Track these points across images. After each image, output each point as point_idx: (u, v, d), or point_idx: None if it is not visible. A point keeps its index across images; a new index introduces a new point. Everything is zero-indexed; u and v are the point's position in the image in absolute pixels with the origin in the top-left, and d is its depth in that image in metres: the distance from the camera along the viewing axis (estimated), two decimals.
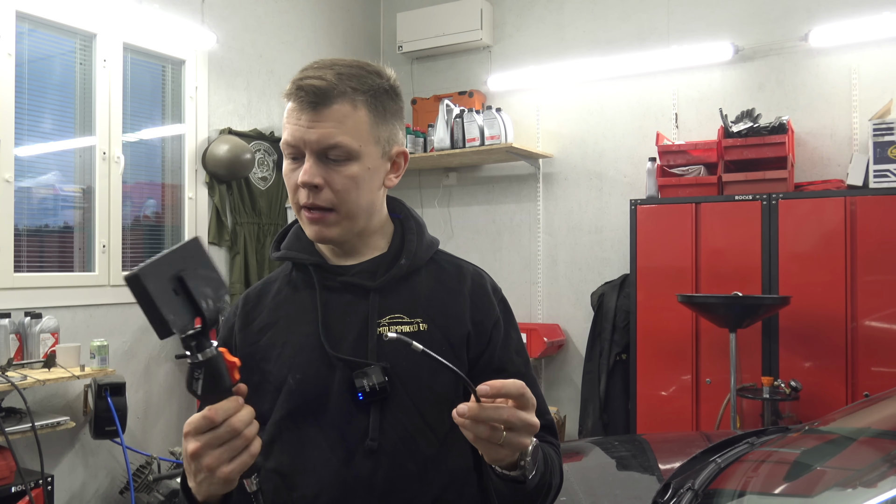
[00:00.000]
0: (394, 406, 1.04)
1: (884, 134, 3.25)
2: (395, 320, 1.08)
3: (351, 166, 1.04)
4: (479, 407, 0.85)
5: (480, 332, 1.12)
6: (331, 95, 1.02)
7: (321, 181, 1.03)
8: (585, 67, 4.29)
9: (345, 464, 1.04)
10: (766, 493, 1.69)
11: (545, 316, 4.48)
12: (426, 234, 1.19)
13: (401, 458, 1.04)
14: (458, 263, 1.19)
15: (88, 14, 3.28)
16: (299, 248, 1.15)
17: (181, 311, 0.83)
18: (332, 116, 1.02)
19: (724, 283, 3.45)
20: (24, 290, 3.03)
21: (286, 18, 4.37)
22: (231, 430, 0.85)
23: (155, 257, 0.82)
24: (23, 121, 3.07)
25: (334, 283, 1.11)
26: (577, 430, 4.10)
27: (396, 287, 1.11)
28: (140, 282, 0.79)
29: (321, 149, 1.03)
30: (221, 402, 0.85)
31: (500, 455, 0.88)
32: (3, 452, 2.62)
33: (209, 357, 0.85)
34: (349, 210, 1.06)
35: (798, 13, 3.79)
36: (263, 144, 4.15)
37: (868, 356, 3.21)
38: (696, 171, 3.71)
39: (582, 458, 2.27)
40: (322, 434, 1.05)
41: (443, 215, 4.82)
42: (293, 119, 1.04)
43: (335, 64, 1.06)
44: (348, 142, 1.03)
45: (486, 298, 1.15)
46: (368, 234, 1.13)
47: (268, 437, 1.06)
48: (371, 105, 1.06)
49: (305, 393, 1.06)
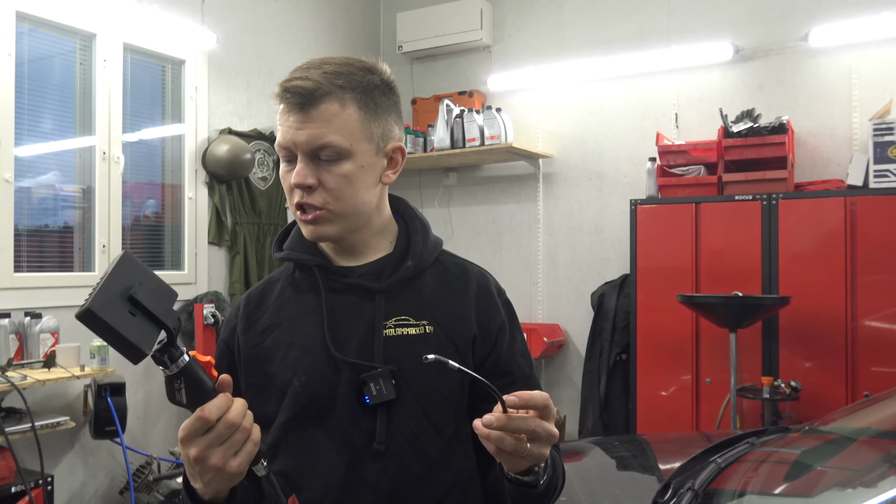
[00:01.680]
0: (400, 409, 1.04)
1: (884, 134, 3.25)
2: (401, 322, 1.08)
3: (343, 165, 1.03)
4: (507, 417, 0.85)
5: (486, 334, 1.11)
6: (316, 95, 1.02)
7: (314, 181, 1.03)
8: (585, 67, 4.29)
9: (351, 466, 1.03)
10: (766, 493, 1.69)
11: (545, 316, 4.48)
12: (431, 234, 1.18)
13: (407, 460, 1.04)
14: (463, 265, 1.19)
15: (88, 14, 3.28)
16: (303, 249, 1.14)
17: (145, 331, 0.80)
18: (319, 116, 1.02)
19: (724, 283, 3.44)
20: (23, 290, 3.03)
21: (286, 18, 4.37)
22: (229, 425, 0.84)
23: (98, 286, 0.78)
24: (23, 121, 3.07)
25: (339, 285, 1.11)
26: (577, 430, 4.10)
27: (402, 289, 1.10)
28: (94, 315, 0.75)
29: (311, 149, 1.02)
30: (212, 401, 0.84)
31: (521, 466, 0.89)
32: (3, 452, 2.62)
33: (183, 365, 0.84)
34: (344, 208, 1.05)
35: (798, 13, 3.79)
36: (263, 144, 4.15)
37: (868, 356, 3.20)
38: (696, 171, 3.70)
39: (582, 458, 2.27)
40: (328, 437, 1.05)
41: (443, 215, 4.82)
42: (283, 121, 1.04)
43: (324, 63, 1.05)
44: (338, 141, 1.02)
45: (491, 300, 1.15)
46: (371, 233, 1.13)
47: (273, 440, 1.06)
48: (361, 102, 1.05)
49: (311, 395, 1.06)
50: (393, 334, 1.07)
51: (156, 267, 3.65)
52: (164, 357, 0.83)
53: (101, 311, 0.76)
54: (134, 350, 0.79)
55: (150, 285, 0.84)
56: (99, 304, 0.76)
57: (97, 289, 0.78)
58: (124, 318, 0.78)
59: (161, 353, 0.83)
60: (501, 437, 0.85)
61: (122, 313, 0.79)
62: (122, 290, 0.80)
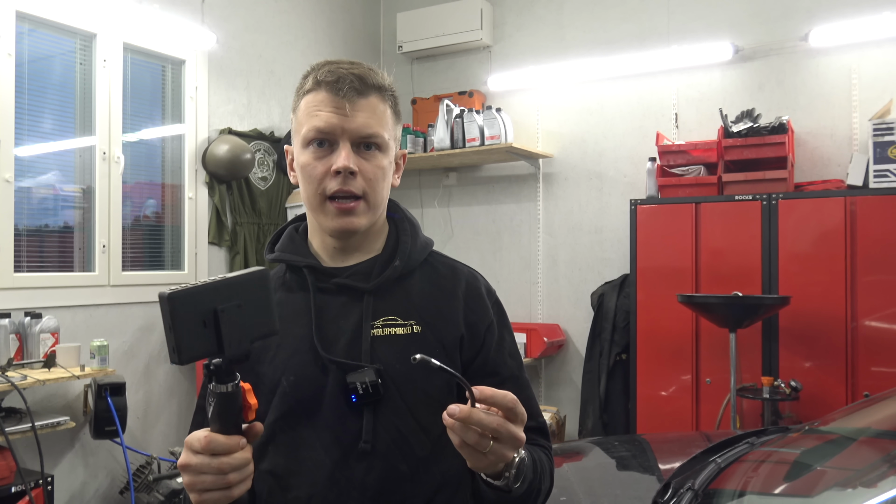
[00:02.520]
0: (387, 408, 1.05)
1: (884, 134, 3.25)
2: (389, 322, 1.09)
3: (380, 157, 1.08)
4: (469, 411, 0.84)
5: (474, 334, 1.12)
6: (369, 86, 1.06)
7: (357, 168, 1.06)
8: (585, 67, 4.29)
9: (338, 465, 1.04)
10: (766, 493, 1.69)
11: (545, 316, 4.48)
12: (420, 235, 1.19)
13: (394, 459, 1.04)
14: (453, 265, 1.19)
15: (88, 14, 3.28)
16: (293, 250, 1.15)
17: (199, 345, 0.81)
18: (368, 107, 1.06)
19: (724, 283, 3.44)
20: (24, 290, 3.03)
21: (286, 18, 4.37)
22: (216, 467, 0.85)
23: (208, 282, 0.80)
24: (23, 121, 3.07)
25: (328, 285, 1.11)
26: (577, 430, 4.10)
27: (390, 289, 1.11)
28: (168, 305, 0.78)
29: (360, 137, 1.06)
30: (221, 437, 0.85)
31: (482, 463, 0.88)
32: (3, 452, 2.62)
33: (220, 392, 0.84)
34: (375, 200, 1.09)
35: (798, 13, 3.79)
36: (263, 144, 4.15)
37: (868, 356, 3.20)
38: (696, 171, 3.70)
39: (582, 458, 2.27)
40: (316, 435, 1.06)
41: (443, 215, 4.82)
42: (328, 107, 1.05)
43: (354, 62, 1.10)
44: (383, 132, 1.07)
45: (480, 301, 1.15)
46: (371, 232, 1.14)
47: (262, 439, 1.06)
48: (392, 103, 1.12)
49: (299, 395, 1.06)
50: (380, 334, 1.08)
51: (156, 267, 3.65)
52: (210, 374, 0.84)
53: (175, 304, 0.78)
54: (173, 353, 0.80)
55: (250, 312, 0.84)
56: (180, 298, 0.79)
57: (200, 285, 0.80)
58: (191, 324, 0.80)
59: (210, 369, 0.84)
60: (464, 430, 0.85)
61: (195, 319, 0.80)
62: (215, 300, 0.81)
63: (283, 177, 4.26)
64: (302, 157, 1.09)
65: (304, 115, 1.08)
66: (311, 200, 1.09)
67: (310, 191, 1.08)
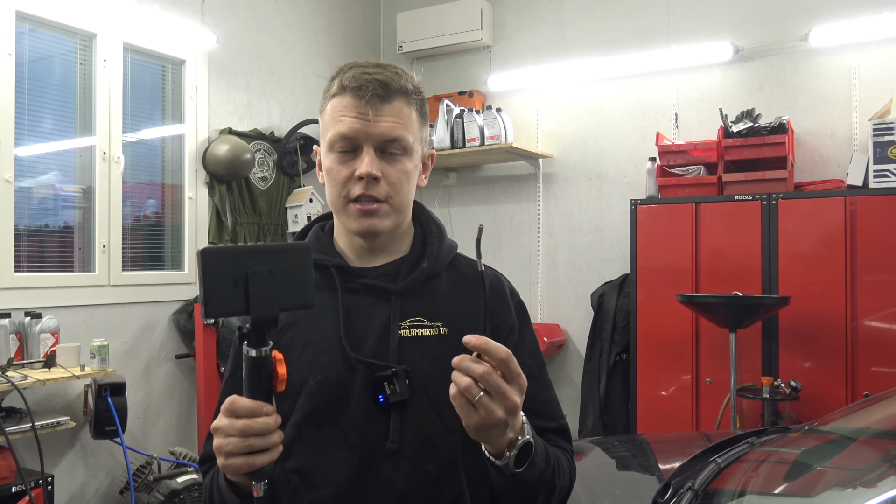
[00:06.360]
0: (414, 409, 1.06)
1: (884, 134, 3.25)
2: (416, 323, 1.10)
3: (405, 161, 1.09)
4: (462, 357, 0.87)
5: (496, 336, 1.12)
6: (393, 90, 1.07)
7: (380, 173, 1.07)
8: (585, 67, 4.29)
9: (364, 465, 1.05)
10: (766, 493, 1.69)
11: (545, 316, 4.48)
12: (446, 237, 1.21)
13: (420, 460, 1.05)
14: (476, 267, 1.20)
15: (88, 14, 3.28)
16: (320, 250, 1.16)
17: (228, 302, 0.83)
18: (393, 112, 1.07)
19: (724, 283, 3.45)
20: (24, 290, 3.03)
21: (286, 18, 4.37)
22: (239, 429, 0.86)
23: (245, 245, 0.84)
24: (23, 121, 3.07)
25: (356, 285, 1.12)
26: (577, 430, 4.10)
27: (418, 290, 1.12)
28: (201, 259, 0.82)
29: (383, 142, 1.07)
30: (246, 400, 0.87)
31: (473, 419, 0.88)
32: (3, 452, 2.62)
33: (249, 355, 0.86)
34: (399, 203, 1.10)
35: (798, 13, 3.79)
36: (263, 144, 4.15)
37: (868, 356, 3.21)
38: (696, 171, 3.71)
39: (582, 458, 2.27)
40: (342, 435, 1.06)
41: (443, 215, 4.82)
42: (352, 112, 1.06)
43: (381, 65, 1.10)
44: (407, 136, 1.08)
45: (503, 303, 1.16)
46: (398, 234, 1.16)
47: (288, 438, 1.07)
48: (418, 106, 1.12)
49: (326, 394, 1.07)
50: (408, 335, 1.09)
51: (156, 267, 3.65)
52: (242, 337, 0.87)
53: (206, 260, 0.82)
54: (204, 305, 0.84)
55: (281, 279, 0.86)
56: (214, 255, 0.83)
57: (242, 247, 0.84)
58: (222, 281, 0.83)
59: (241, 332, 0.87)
60: (458, 376, 0.87)
61: (226, 277, 0.83)
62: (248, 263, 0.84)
63: (283, 177, 4.27)
64: (327, 161, 1.11)
65: (330, 120, 1.09)
66: (336, 203, 1.11)
67: (334, 194, 1.10)
